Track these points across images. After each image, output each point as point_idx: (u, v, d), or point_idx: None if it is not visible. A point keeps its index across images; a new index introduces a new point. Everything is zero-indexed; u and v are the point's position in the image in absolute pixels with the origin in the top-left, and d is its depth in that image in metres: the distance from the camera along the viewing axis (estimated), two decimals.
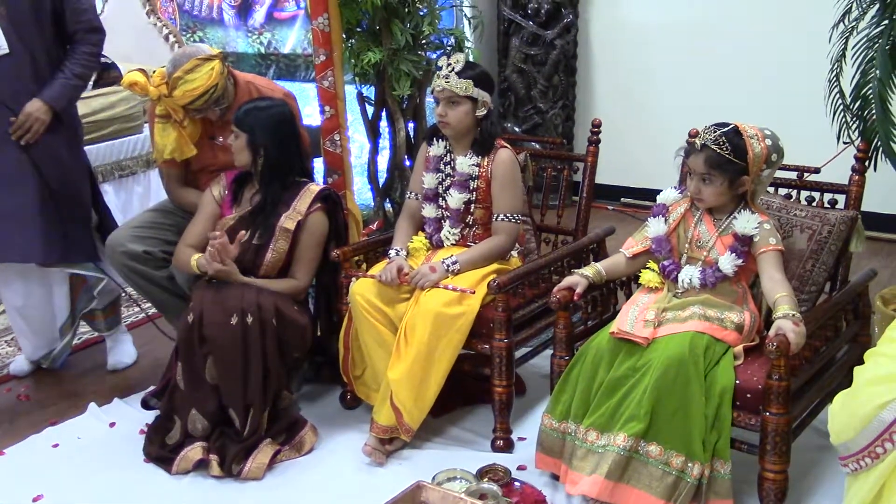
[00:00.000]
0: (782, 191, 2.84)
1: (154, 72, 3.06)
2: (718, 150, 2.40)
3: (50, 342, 3.55)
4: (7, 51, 3.07)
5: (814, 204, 2.75)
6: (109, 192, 4.67)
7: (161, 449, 2.81)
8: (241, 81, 3.18)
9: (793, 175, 2.82)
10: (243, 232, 2.88)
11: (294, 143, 3.02)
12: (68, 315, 3.53)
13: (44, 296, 3.44)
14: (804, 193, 2.80)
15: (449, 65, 2.84)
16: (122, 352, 3.66)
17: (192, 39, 6.19)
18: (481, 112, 2.88)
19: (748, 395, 2.30)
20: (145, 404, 3.01)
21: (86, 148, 3.52)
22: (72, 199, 3.28)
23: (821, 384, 2.51)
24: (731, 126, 2.43)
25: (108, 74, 4.96)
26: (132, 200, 4.82)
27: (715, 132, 2.42)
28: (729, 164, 2.40)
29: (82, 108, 4.45)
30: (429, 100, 3.41)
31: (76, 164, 3.34)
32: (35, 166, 3.14)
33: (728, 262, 2.47)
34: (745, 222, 2.47)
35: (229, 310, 2.75)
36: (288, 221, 2.94)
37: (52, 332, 3.53)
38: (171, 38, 5.67)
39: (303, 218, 2.95)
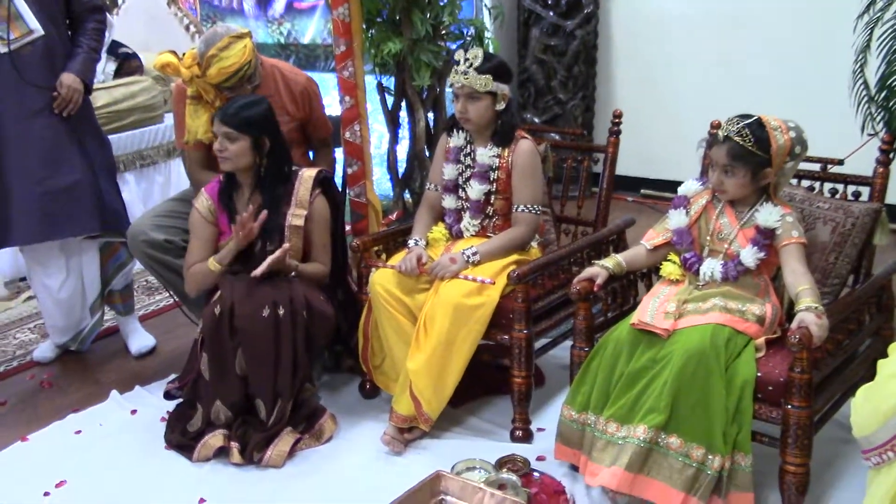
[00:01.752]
0: (805, 182, 2.81)
1: (184, 54, 3.08)
2: (741, 142, 2.38)
3: (78, 322, 3.59)
4: (42, 32, 3.16)
5: (837, 196, 2.72)
6: (130, 182, 4.69)
7: (182, 436, 2.83)
8: (266, 64, 3.20)
9: (816, 167, 2.79)
10: (264, 212, 2.84)
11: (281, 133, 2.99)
12: (99, 291, 3.58)
13: (79, 272, 3.50)
14: (827, 185, 2.77)
15: (467, 60, 2.82)
16: (142, 336, 3.72)
17: None
18: (501, 105, 2.87)
19: (770, 388, 2.29)
20: (168, 395, 3.02)
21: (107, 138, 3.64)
22: (109, 168, 3.44)
23: (843, 377, 2.50)
24: (754, 118, 2.41)
25: (130, 64, 4.99)
26: (153, 190, 4.84)
27: (738, 124, 2.40)
28: (751, 156, 2.39)
29: (104, 97, 4.53)
30: (448, 90, 3.42)
31: (104, 135, 3.51)
32: (80, 140, 3.27)
33: (750, 255, 2.45)
34: (768, 215, 2.45)
35: (261, 302, 2.75)
36: (296, 219, 2.92)
37: (82, 311, 3.57)
38: (192, 28, 5.68)
39: (308, 211, 2.94)
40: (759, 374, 2.30)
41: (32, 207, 3.19)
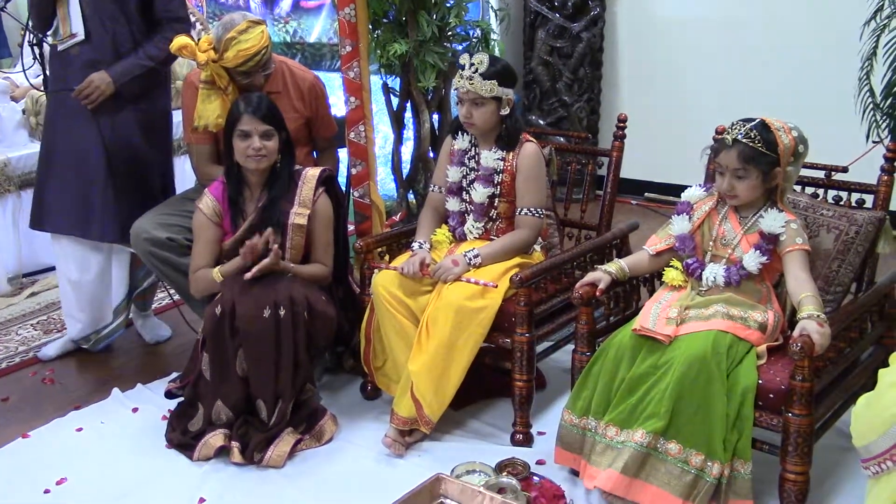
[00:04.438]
0: (809, 189, 2.81)
1: (199, 39, 3.09)
2: (751, 144, 2.38)
3: (97, 321, 3.58)
4: (83, 38, 3.21)
5: (841, 203, 2.72)
6: None
7: (183, 435, 2.83)
8: (275, 60, 3.20)
9: (820, 174, 2.79)
10: (271, 233, 2.83)
11: None
12: (125, 296, 3.58)
13: (101, 271, 3.51)
14: (831, 193, 2.76)
15: (472, 65, 2.82)
16: (158, 325, 3.78)
17: None
18: (506, 110, 2.87)
19: (771, 396, 2.29)
20: (169, 395, 3.02)
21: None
22: (137, 182, 3.41)
23: (844, 386, 2.49)
24: (757, 120, 2.42)
25: None
26: None
27: (744, 126, 2.40)
28: (762, 157, 2.39)
29: None
30: (454, 91, 3.43)
31: (150, 150, 3.45)
32: (104, 146, 3.30)
33: (752, 260, 2.45)
34: (772, 220, 2.45)
35: (261, 303, 2.74)
36: (299, 217, 2.92)
37: (103, 311, 3.57)
38: (199, 26, 5.68)
39: (311, 210, 2.94)
40: (760, 382, 2.30)
41: (53, 199, 3.35)
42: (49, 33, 3.29)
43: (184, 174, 4.86)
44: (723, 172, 2.46)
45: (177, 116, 4.74)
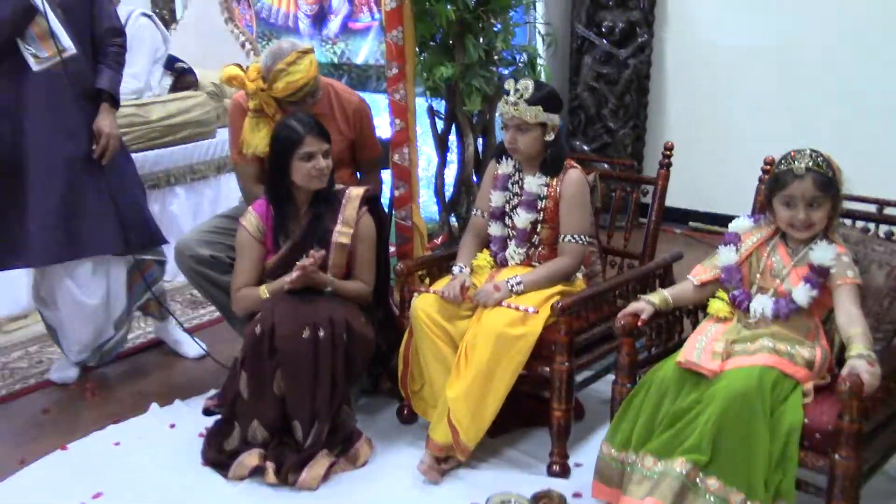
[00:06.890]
0: (860, 224, 2.74)
1: (248, 67, 3.11)
2: (823, 171, 2.35)
3: (98, 336, 3.52)
4: (75, 51, 3.17)
5: (893, 239, 2.65)
6: (181, 195, 4.75)
7: (218, 454, 2.84)
8: (322, 81, 3.21)
9: (872, 208, 2.73)
10: (322, 254, 2.85)
11: None
12: (125, 307, 3.56)
13: (107, 287, 3.47)
14: (883, 228, 2.69)
15: (517, 91, 2.81)
16: (191, 342, 3.72)
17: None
18: (551, 136, 2.85)
19: (817, 436, 2.22)
20: (207, 412, 3.03)
21: (160, 151, 3.65)
22: (129, 187, 3.42)
23: (894, 428, 2.42)
24: (810, 149, 2.39)
25: (186, 79, 5.06)
26: (203, 204, 4.89)
27: (809, 156, 2.37)
28: (832, 185, 2.37)
29: (159, 111, 4.59)
30: (499, 116, 3.42)
31: (129, 152, 3.52)
32: (99, 163, 3.27)
33: (803, 294, 2.39)
34: (823, 253, 2.39)
35: (301, 323, 2.75)
36: (342, 237, 2.92)
37: (106, 325, 3.54)
38: (248, 46, 5.76)
39: (354, 229, 2.94)
40: (806, 421, 2.23)
41: (56, 226, 3.19)
42: (31, 53, 3.10)
43: (229, 192, 4.92)
44: (793, 204, 2.40)
45: (223, 134, 4.83)
